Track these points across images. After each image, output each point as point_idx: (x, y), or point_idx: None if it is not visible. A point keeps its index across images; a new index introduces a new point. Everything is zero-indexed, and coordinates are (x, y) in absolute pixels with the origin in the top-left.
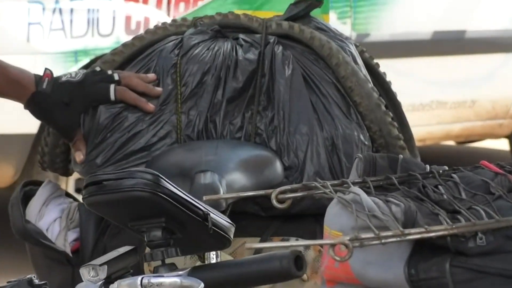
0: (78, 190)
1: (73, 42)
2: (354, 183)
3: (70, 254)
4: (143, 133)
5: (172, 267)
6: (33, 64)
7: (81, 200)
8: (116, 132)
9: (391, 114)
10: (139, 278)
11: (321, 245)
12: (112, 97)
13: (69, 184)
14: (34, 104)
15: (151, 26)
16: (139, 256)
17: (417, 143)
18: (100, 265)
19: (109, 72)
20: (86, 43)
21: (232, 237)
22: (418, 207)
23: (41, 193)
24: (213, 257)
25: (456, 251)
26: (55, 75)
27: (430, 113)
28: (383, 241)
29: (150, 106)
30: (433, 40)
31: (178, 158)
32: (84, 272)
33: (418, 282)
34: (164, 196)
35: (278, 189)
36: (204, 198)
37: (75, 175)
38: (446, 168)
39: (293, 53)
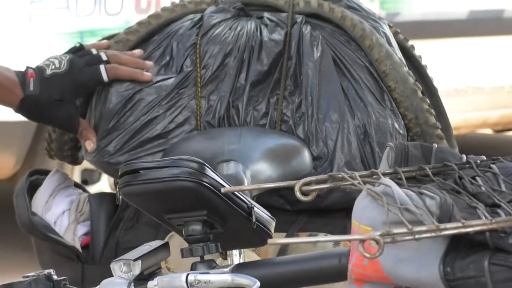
0: (84, 182)
1: (79, 21)
2: (384, 174)
3: (80, 250)
4: (160, 118)
5: (212, 264)
6: (35, 46)
7: (90, 191)
8: (129, 117)
9: (428, 101)
10: (184, 274)
11: (349, 241)
12: (105, 77)
13: (75, 174)
14: (26, 109)
15: (163, 4)
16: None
17: None
18: (134, 260)
19: (94, 51)
20: (93, 23)
21: (272, 232)
22: (454, 200)
23: (48, 183)
24: (236, 254)
25: (495, 248)
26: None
27: (465, 99)
28: (416, 236)
29: (147, 74)
30: (468, 20)
31: (198, 146)
32: (115, 267)
33: (454, 281)
34: (210, 187)
35: (302, 180)
36: (222, 190)
37: (81, 166)
38: (484, 158)
39: (322, 33)
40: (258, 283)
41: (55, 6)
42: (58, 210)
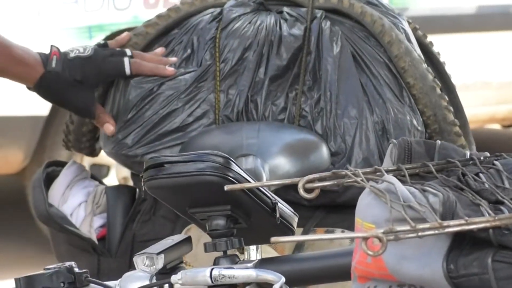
0: (92, 177)
1: (87, 16)
2: (388, 171)
3: (96, 242)
4: (178, 112)
5: (235, 259)
6: (44, 40)
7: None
8: (148, 110)
9: (446, 98)
10: (209, 269)
11: (352, 239)
12: (128, 70)
13: None
14: (45, 86)
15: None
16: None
17: None
18: (158, 253)
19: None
20: (101, 18)
21: (295, 227)
22: (458, 197)
23: (65, 175)
24: (253, 248)
25: (499, 245)
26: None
27: (473, 94)
28: (419, 234)
29: (170, 69)
30: (477, 15)
31: (216, 140)
32: (138, 260)
33: (457, 278)
34: (235, 181)
35: (306, 178)
36: (226, 188)
37: (90, 161)
38: (488, 154)
39: (341, 29)
40: (283, 279)
41: (64, 0)
42: (74, 201)
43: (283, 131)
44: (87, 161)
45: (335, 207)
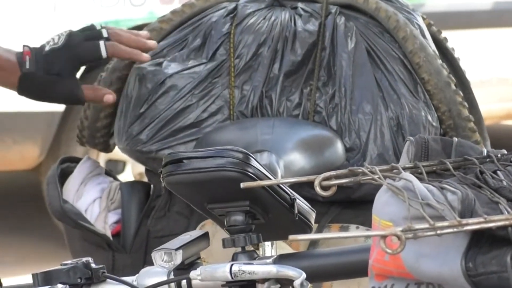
0: (106, 173)
1: (103, 12)
2: (405, 168)
3: (111, 238)
4: (193, 108)
5: (254, 255)
6: None
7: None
8: (161, 104)
9: (461, 94)
10: (228, 265)
11: (370, 237)
12: (104, 53)
13: None
14: (25, 88)
15: None
16: None
17: None
18: (176, 249)
19: (97, 27)
20: (117, 14)
21: (313, 223)
22: (476, 195)
23: (80, 171)
24: (268, 244)
25: None
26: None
27: (490, 90)
28: (438, 232)
29: (145, 56)
30: (493, 11)
31: (231, 136)
32: (156, 256)
33: (476, 276)
34: (254, 177)
35: (322, 175)
36: (242, 185)
37: (105, 156)
38: (505, 151)
39: (356, 24)
40: (304, 275)
41: None
42: (89, 198)
43: (298, 127)
44: (103, 156)
45: (350, 203)
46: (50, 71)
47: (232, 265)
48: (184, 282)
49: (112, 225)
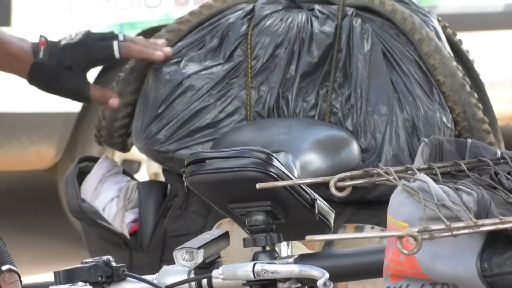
0: (124, 173)
1: (119, 14)
2: (419, 170)
3: (128, 237)
4: (210, 108)
5: (274, 254)
6: None
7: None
8: (179, 105)
9: (476, 95)
10: (251, 264)
11: (386, 238)
12: (117, 54)
13: None
14: (35, 77)
15: None
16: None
17: None
18: (198, 248)
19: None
20: (133, 15)
21: (332, 224)
22: (491, 196)
23: (97, 170)
24: (284, 244)
25: None
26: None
27: (501, 91)
28: (454, 233)
29: (159, 53)
30: (505, 13)
31: (248, 136)
32: (178, 255)
33: (491, 277)
34: (276, 177)
35: (337, 176)
36: (258, 186)
37: (121, 156)
38: None
39: (372, 26)
40: (327, 274)
41: None
42: (107, 197)
43: (314, 127)
44: (118, 157)
45: (365, 203)
46: (62, 63)
47: (255, 264)
48: (204, 281)
49: (129, 224)
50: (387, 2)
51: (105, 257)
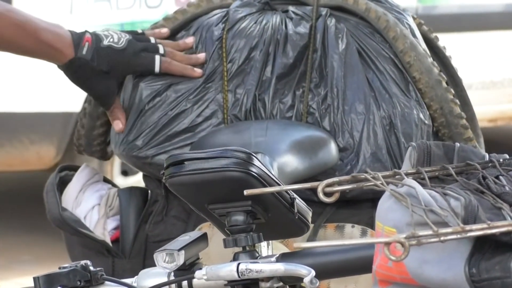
0: (124, 173)
1: (119, 14)
2: (407, 174)
3: (110, 244)
4: (187, 112)
5: (255, 254)
6: None
7: (130, 183)
8: (157, 111)
9: (452, 91)
10: (235, 264)
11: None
12: (157, 69)
13: (115, 166)
14: (72, 70)
15: None
16: None
17: (488, 124)
18: (179, 250)
19: (153, 40)
20: (133, 16)
21: (310, 222)
22: (479, 201)
23: (78, 179)
24: (264, 245)
25: None
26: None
27: (501, 91)
28: (442, 238)
29: (198, 71)
30: (505, 13)
31: (225, 139)
32: (158, 257)
33: (480, 282)
34: (258, 177)
35: (325, 182)
36: (245, 192)
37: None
38: (507, 156)
39: (347, 26)
40: (313, 272)
41: None
42: (88, 205)
43: (291, 128)
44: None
45: (345, 202)
46: (102, 66)
47: (239, 264)
48: (185, 282)
49: (111, 231)
50: (360, 1)
51: (83, 262)
